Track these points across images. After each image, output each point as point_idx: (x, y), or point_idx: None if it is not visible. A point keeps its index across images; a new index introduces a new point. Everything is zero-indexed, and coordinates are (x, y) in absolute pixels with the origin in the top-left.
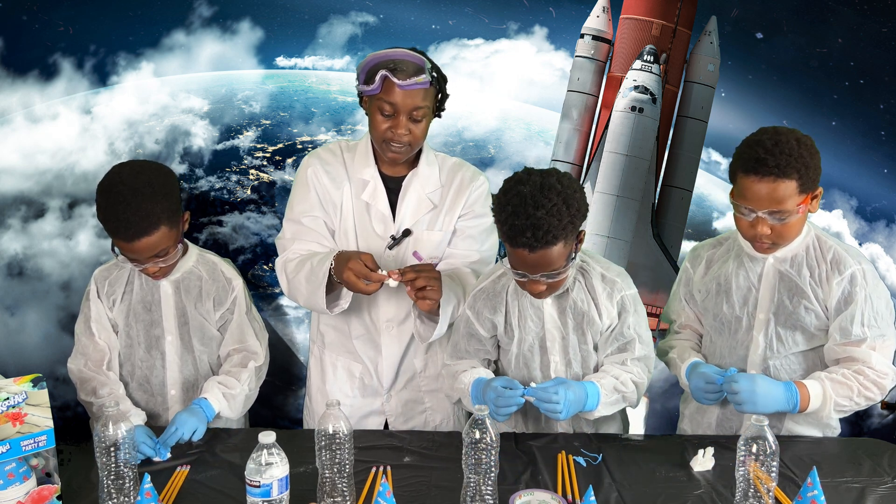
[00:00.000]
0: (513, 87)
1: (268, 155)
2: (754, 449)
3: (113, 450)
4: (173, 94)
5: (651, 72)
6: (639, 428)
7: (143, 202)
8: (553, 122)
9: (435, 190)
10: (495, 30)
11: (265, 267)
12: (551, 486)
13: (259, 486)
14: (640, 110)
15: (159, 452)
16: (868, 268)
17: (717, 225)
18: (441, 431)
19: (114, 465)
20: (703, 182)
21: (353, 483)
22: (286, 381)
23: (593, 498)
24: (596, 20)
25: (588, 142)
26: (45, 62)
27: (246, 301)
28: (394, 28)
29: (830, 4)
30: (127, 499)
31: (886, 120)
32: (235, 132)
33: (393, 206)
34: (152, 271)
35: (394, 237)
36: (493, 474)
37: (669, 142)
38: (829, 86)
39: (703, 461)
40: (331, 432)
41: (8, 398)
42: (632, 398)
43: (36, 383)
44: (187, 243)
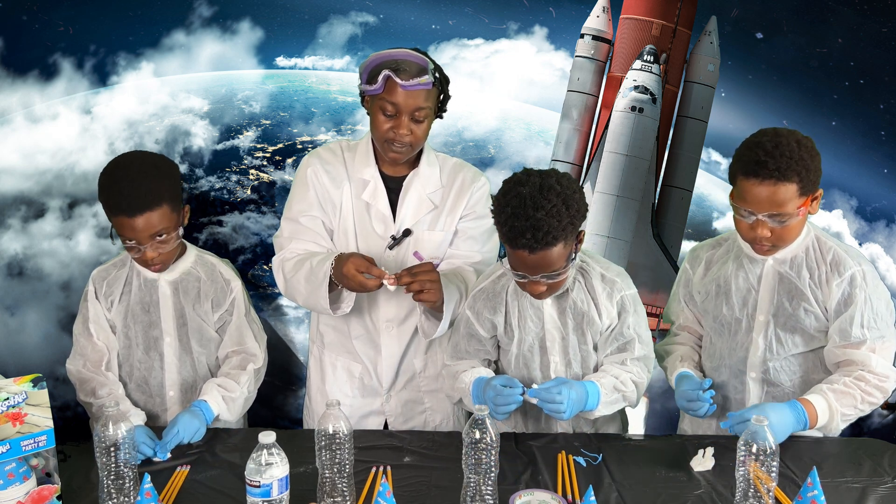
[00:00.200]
0: (513, 87)
1: (268, 155)
2: (754, 449)
3: (113, 450)
4: (173, 94)
5: (651, 72)
6: (639, 428)
7: (147, 178)
8: (553, 122)
9: (436, 190)
10: (495, 30)
11: (265, 267)
12: (551, 486)
13: (259, 486)
14: (640, 110)
15: (159, 454)
16: (868, 269)
17: (717, 225)
18: (441, 431)
19: (114, 465)
20: (703, 182)
21: (353, 483)
22: (286, 381)
23: (593, 498)
24: (596, 20)
25: (588, 142)
26: (45, 62)
27: (245, 303)
28: (394, 28)
29: (830, 4)
30: (127, 499)
31: (886, 120)
32: (235, 132)
33: (393, 206)
34: (150, 257)
35: (394, 237)
36: (493, 474)
37: (669, 142)
38: (829, 86)
39: (703, 461)
40: (331, 432)
41: (8, 398)
42: (631, 398)
43: (36, 383)
44: (186, 243)
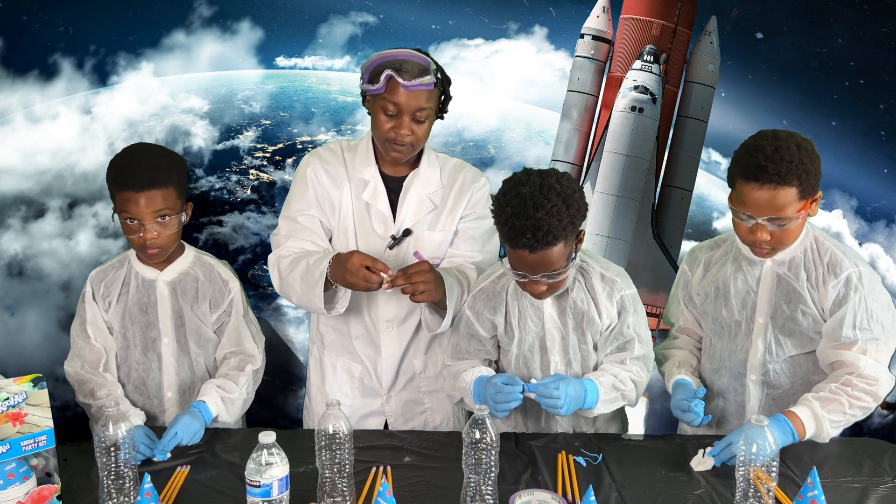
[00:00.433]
0: (513, 87)
1: (268, 155)
2: (754, 449)
3: (113, 450)
4: (173, 94)
5: (651, 72)
6: (639, 428)
7: (159, 158)
8: (553, 122)
9: (436, 190)
10: (495, 30)
11: (265, 267)
12: (551, 486)
13: (259, 486)
14: (640, 110)
15: (157, 455)
16: (865, 270)
17: (717, 225)
18: (441, 431)
19: (114, 465)
20: (703, 182)
21: (353, 483)
22: (285, 381)
23: (593, 498)
24: (596, 20)
25: (588, 142)
26: (45, 62)
27: (243, 304)
28: (394, 28)
29: (830, 4)
30: (127, 499)
31: (886, 120)
32: (235, 132)
33: (393, 206)
34: (150, 237)
35: (394, 237)
36: (493, 474)
37: (669, 142)
38: (829, 86)
39: (703, 461)
40: (331, 432)
41: (8, 398)
42: (630, 397)
43: (36, 383)
44: (184, 244)
